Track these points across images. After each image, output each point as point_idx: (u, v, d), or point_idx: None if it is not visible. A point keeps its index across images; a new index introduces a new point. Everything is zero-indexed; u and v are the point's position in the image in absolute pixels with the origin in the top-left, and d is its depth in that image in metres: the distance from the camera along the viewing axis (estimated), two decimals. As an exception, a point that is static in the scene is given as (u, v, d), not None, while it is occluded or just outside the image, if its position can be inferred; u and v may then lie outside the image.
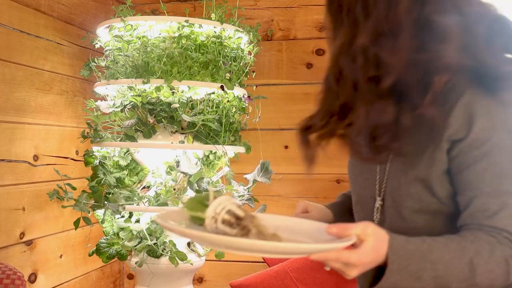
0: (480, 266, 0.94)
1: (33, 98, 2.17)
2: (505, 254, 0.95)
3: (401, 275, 0.93)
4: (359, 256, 0.91)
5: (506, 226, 0.96)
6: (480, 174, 0.99)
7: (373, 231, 0.93)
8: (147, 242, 2.12)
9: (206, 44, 2.15)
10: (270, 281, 2.29)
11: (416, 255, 0.94)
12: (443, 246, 0.95)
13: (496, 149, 0.98)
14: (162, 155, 2.18)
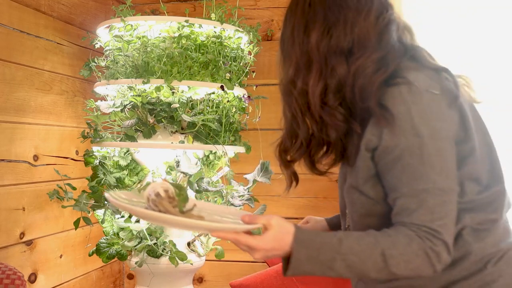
0: (394, 257, 1.04)
1: (33, 98, 2.17)
2: (424, 246, 1.04)
3: (313, 265, 1.06)
4: (257, 241, 1.07)
5: (424, 222, 1.05)
6: (398, 177, 1.09)
7: (276, 222, 1.08)
8: (147, 242, 2.12)
9: (206, 44, 2.15)
10: (270, 281, 2.29)
11: (324, 247, 1.06)
12: (355, 239, 1.07)
13: (406, 153, 1.08)
14: (162, 155, 2.18)
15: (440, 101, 1.10)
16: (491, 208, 1.16)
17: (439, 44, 2.58)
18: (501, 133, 2.51)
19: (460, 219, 1.12)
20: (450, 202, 1.08)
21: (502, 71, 2.53)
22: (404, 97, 1.08)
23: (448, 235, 1.06)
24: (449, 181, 1.08)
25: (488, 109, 2.49)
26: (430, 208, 1.06)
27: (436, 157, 1.07)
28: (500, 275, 1.14)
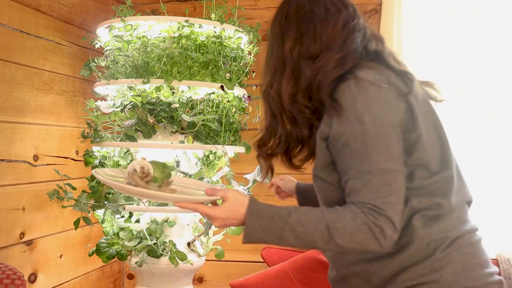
0: (338, 230, 1.17)
1: (33, 98, 2.17)
2: (367, 221, 1.16)
3: (265, 234, 1.21)
4: (214, 211, 1.24)
5: (369, 200, 1.17)
6: (346, 161, 1.22)
7: (231, 195, 1.24)
8: (147, 242, 2.12)
9: (206, 44, 2.15)
10: (270, 281, 2.29)
11: (274, 218, 1.20)
12: (303, 212, 1.21)
13: (352, 138, 1.20)
14: (162, 155, 2.18)
15: (386, 93, 1.22)
16: (439, 193, 1.25)
17: (439, 44, 2.58)
18: (501, 146, 2.51)
19: (409, 201, 1.23)
20: (394, 182, 1.18)
21: (501, 72, 2.53)
22: (351, 90, 1.22)
23: (393, 212, 1.16)
24: (391, 162, 1.18)
25: (488, 122, 2.52)
26: (374, 188, 1.17)
27: (378, 141, 1.19)
28: (449, 261, 1.22)
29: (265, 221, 1.21)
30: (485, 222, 2.47)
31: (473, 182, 2.49)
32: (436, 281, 1.21)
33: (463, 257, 1.24)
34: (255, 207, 1.23)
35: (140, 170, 1.30)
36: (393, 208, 1.16)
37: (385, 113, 1.20)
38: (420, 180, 1.24)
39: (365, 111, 1.19)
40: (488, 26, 2.53)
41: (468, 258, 1.24)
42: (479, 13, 2.54)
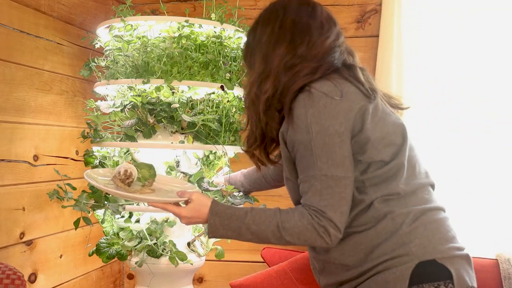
0: (287, 229, 1.34)
1: (33, 98, 2.17)
2: (312, 222, 1.32)
3: (226, 230, 1.39)
4: (180, 210, 1.46)
5: (312, 202, 1.32)
6: (299, 165, 1.37)
7: (196, 197, 1.45)
8: (147, 242, 2.12)
9: (206, 44, 2.15)
10: (270, 281, 2.29)
11: (233, 218, 1.38)
12: (258, 213, 1.37)
13: (302, 146, 1.34)
14: (162, 155, 2.18)
15: (337, 104, 1.33)
16: (391, 179, 1.38)
17: (439, 45, 2.58)
18: (501, 146, 2.51)
19: (367, 193, 1.37)
20: (336, 186, 1.31)
21: (501, 72, 2.53)
22: (304, 102, 1.34)
23: (334, 213, 1.31)
24: (334, 169, 1.32)
25: (488, 122, 2.51)
26: (318, 191, 1.32)
27: (323, 149, 1.32)
28: (416, 236, 1.34)
29: (225, 220, 1.39)
30: (485, 222, 2.48)
31: (473, 182, 2.50)
32: (407, 254, 1.32)
33: (428, 232, 1.35)
34: (216, 208, 1.42)
35: (123, 173, 1.48)
36: (334, 210, 1.31)
37: (332, 123, 1.32)
38: (374, 171, 1.37)
39: (313, 121, 1.33)
40: (488, 26, 2.53)
41: (434, 233, 1.36)
42: (479, 13, 2.53)
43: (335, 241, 1.34)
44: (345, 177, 1.32)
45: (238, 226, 1.38)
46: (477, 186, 2.48)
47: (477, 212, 2.47)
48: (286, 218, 1.35)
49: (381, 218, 1.36)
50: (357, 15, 2.68)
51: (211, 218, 1.41)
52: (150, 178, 1.54)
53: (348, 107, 1.34)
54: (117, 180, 1.49)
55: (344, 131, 1.33)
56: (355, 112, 1.34)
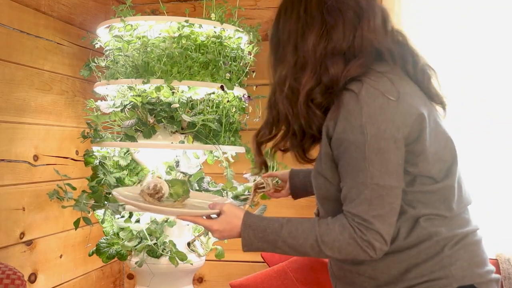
0: (327, 243, 1.22)
1: (33, 98, 2.16)
2: (354, 236, 1.20)
3: (262, 243, 1.29)
4: (210, 223, 1.35)
5: (359, 212, 1.20)
6: (344, 168, 1.23)
7: (227, 209, 1.34)
8: (147, 242, 2.12)
9: (206, 44, 2.15)
10: (270, 281, 2.29)
11: (267, 230, 1.28)
12: (294, 226, 1.26)
13: (353, 147, 1.20)
14: (162, 155, 2.18)
15: (395, 106, 1.20)
16: (441, 202, 1.27)
17: (438, 44, 2.58)
18: (501, 146, 2.50)
19: (415, 208, 1.25)
20: (387, 196, 1.19)
21: (501, 72, 2.53)
22: (358, 98, 1.20)
23: (383, 225, 1.19)
24: (387, 177, 1.19)
25: (488, 122, 2.51)
26: (367, 200, 1.19)
27: (377, 154, 1.19)
28: (457, 258, 1.25)
29: (259, 233, 1.29)
30: (485, 222, 2.48)
31: (473, 182, 2.50)
32: (446, 277, 1.23)
33: (468, 255, 1.26)
34: (249, 220, 1.31)
35: (152, 187, 1.42)
36: (383, 221, 1.19)
37: (389, 127, 1.19)
38: (421, 186, 1.25)
39: (369, 122, 1.19)
40: (488, 25, 2.51)
41: (473, 256, 1.28)
42: (480, 12, 2.52)
43: (381, 255, 1.22)
44: (397, 187, 1.21)
45: (273, 239, 1.27)
46: (477, 186, 2.47)
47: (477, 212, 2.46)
48: (326, 231, 1.23)
49: (425, 238, 1.25)
50: (357, 15, 2.67)
51: (244, 231, 1.30)
52: (184, 194, 1.46)
53: (406, 111, 1.21)
54: (145, 194, 1.42)
55: (401, 137, 1.20)
56: (414, 118, 1.21)
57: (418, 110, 1.22)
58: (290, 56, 1.30)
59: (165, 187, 1.44)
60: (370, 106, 1.19)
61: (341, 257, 1.24)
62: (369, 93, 1.20)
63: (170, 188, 1.45)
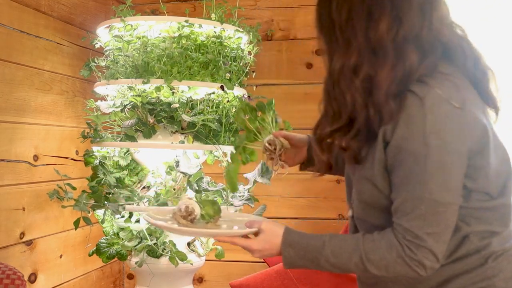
0: (372, 262, 1.14)
1: (33, 98, 2.16)
2: (402, 255, 1.12)
3: (303, 261, 1.22)
4: (250, 243, 1.27)
5: (412, 227, 1.11)
6: (400, 178, 1.13)
7: (266, 227, 1.26)
8: (147, 242, 2.12)
9: (206, 44, 2.15)
10: (270, 281, 2.29)
11: (309, 248, 1.21)
12: (338, 243, 1.19)
13: (411, 158, 1.10)
14: (162, 155, 2.18)
15: (461, 116, 1.09)
16: (497, 221, 1.19)
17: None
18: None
19: (468, 223, 1.16)
20: (444, 213, 1.10)
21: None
22: (422, 103, 1.08)
23: (436, 243, 1.11)
24: (447, 194, 1.10)
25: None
26: (422, 216, 1.10)
27: (439, 169, 1.09)
28: (500, 270, 1.18)
29: (301, 251, 1.22)
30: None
31: None
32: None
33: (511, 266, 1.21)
34: (289, 238, 1.24)
35: (184, 209, 1.37)
36: (438, 239, 1.11)
37: (454, 139, 1.09)
38: (476, 202, 1.17)
39: (433, 132, 1.08)
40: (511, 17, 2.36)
41: None
42: (504, 2, 2.38)
43: (431, 272, 1.14)
44: (455, 203, 1.12)
45: (315, 257, 1.20)
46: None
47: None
48: (371, 249, 1.15)
49: (472, 253, 1.18)
50: (357, 15, 2.67)
51: (285, 250, 1.23)
52: (215, 215, 1.41)
53: (471, 122, 1.11)
54: (178, 217, 1.38)
55: (465, 150, 1.10)
56: (479, 130, 1.12)
57: (481, 121, 1.13)
58: (358, 40, 1.14)
59: (197, 209, 1.40)
60: (434, 113, 1.08)
61: (388, 275, 1.17)
62: (434, 98, 1.09)
63: (201, 209, 1.41)
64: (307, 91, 2.70)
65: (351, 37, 1.14)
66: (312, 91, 2.70)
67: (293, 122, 2.87)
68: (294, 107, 2.69)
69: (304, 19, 2.76)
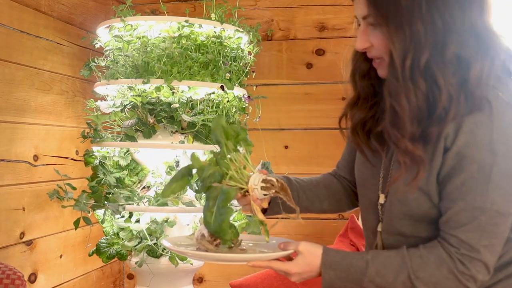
0: (422, 279, 1.08)
1: (33, 98, 2.16)
2: (454, 270, 1.06)
3: (344, 283, 1.14)
4: (288, 266, 1.17)
5: (469, 239, 1.05)
6: (458, 187, 1.05)
7: (305, 248, 1.16)
8: (147, 242, 2.12)
9: (206, 44, 2.15)
10: (270, 281, 2.29)
11: (351, 270, 1.13)
12: (382, 261, 1.11)
13: (475, 166, 1.03)
14: (162, 155, 2.18)
15: None
16: None
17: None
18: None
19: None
20: (504, 224, 1.06)
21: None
22: (493, 107, 1.03)
23: (491, 256, 1.06)
24: (508, 205, 1.05)
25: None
26: (481, 227, 1.05)
27: (504, 178, 1.04)
28: None
29: (342, 273, 1.14)
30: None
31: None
32: None
33: None
34: (329, 259, 1.15)
35: (208, 234, 1.26)
36: (492, 251, 1.06)
37: None
38: None
39: (499, 140, 1.02)
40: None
41: None
42: None
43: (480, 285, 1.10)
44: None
45: (358, 278, 1.12)
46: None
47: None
48: (420, 266, 1.08)
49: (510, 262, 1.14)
50: (357, 15, 2.67)
51: (325, 272, 1.15)
52: (234, 237, 1.27)
53: None
54: (205, 242, 1.25)
55: None
56: None
57: None
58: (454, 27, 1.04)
59: None
60: (502, 120, 1.03)
61: None
62: (502, 104, 1.03)
63: None
64: (307, 91, 2.70)
65: (451, 24, 1.04)
66: (312, 91, 2.70)
67: (293, 122, 2.87)
68: (294, 107, 2.69)
69: (304, 19, 2.76)
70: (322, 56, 2.73)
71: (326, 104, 2.67)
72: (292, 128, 2.64)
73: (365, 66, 1.22)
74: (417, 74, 1.04)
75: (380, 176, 1.22)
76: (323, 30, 2.73)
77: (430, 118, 1.05)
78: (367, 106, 1.22)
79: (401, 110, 1.05)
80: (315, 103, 2.68)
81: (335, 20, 2.72)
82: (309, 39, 2.75)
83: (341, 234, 2.43)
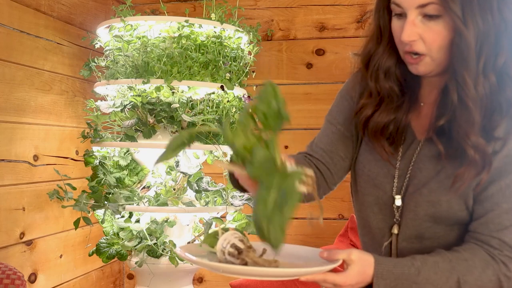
0: (469, 283, 1.05)
1: (33, 98, 2.17)
2: (498, 272, 1.05)
3: None
4: (343, 278, 1.05)
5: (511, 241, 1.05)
6: (502, 190, 1.05)
7: (356, 256, 1.06)
8: (147, 242, 2.12)
9: (206, 44, 2.15)
10: (270, 281, 2.29)
11: (402, 278, 1.07)
12: (431, 267, 1.07)
13: None
14: (162, 155, 2.17)
15: None
16: None
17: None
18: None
19: None
20: None
21: None
22: None
23: None
24: None
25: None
26: None
27: None
28: None
29: (392, 281, 1.08)
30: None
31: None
32: None
33: None
34: (381, 268, 1.08)
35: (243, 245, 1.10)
36: None
37: None
38: None
39: None
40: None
41: None
42: None
43: None
44: None
45: (409, 286, 1.08)
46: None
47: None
48: (467, 270, 1.06)
49: None
50: (357, 15, 2.68)
51: (375, 283, 1.08)
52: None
53: None
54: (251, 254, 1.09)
55: None
56: None
57: None
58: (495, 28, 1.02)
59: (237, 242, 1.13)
60: None
61: None
62: None
63: None
64: (307, 91, 2.70)
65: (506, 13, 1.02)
66: (312, 91, 2.70)
67: (293, 122, 2.84)
68: (294, 107, 2.69)
69: (304, 19, 2.76)
70: (322, 56, 2.73)
71: (326, 104, 2.65)
72: (292, 128, 2.65)
73: (390, 62, 1.14)
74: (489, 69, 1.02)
75: (395, 177, 1.17)
76: (323, 30, 2.73)
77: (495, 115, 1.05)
78: (392, 108, 1.15)
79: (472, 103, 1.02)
80: (315, 103, 2.68)
81: (335, 20, 2.72)
82: (309, 39, 2.75)
83: (341, 234, 2.43)
